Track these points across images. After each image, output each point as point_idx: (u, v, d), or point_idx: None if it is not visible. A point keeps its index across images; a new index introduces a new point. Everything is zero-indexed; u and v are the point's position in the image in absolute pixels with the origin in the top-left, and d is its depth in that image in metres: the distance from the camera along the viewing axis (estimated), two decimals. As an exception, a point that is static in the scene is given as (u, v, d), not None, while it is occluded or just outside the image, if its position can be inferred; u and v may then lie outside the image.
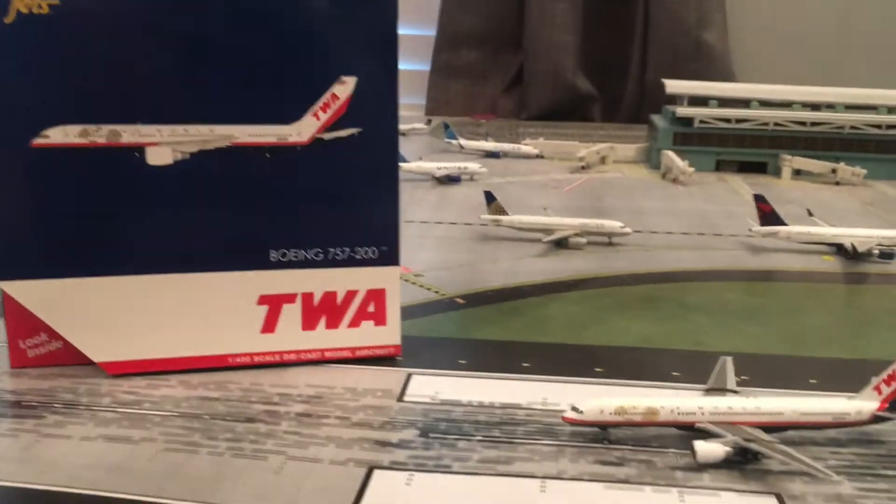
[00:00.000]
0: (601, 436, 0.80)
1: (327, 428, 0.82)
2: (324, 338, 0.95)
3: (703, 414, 0.79)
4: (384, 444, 0.79)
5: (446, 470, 0.75)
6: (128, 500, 0.68)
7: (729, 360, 0.90)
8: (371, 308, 0.95)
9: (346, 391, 0.90)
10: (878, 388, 0.80)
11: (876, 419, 0.80)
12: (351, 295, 0.95)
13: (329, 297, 0.94)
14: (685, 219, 1.68)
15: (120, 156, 0.85)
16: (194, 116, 0.86)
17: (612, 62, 3.04)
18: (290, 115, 0.88)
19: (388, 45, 0.89)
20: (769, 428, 0.79)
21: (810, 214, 1.60)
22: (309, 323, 0.94)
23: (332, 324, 0.95)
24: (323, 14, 0.86)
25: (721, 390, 0.85)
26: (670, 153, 2.11)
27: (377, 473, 0.74)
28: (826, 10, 3.01)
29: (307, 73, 0.87)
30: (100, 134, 0.84)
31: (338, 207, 0.92)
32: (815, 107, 2.22)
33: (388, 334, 0.97)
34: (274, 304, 0.93)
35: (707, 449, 0.75)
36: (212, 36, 0.84)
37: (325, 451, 0.77)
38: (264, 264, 0.91)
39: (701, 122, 2.16)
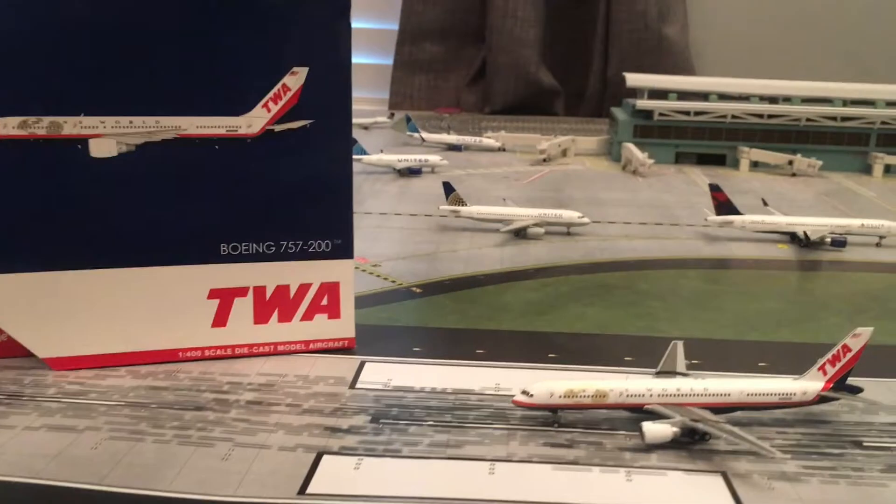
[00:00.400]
0: (552, 419, 0.80)
1: (277, 415, 0.81)
2: (276, 331, 0.94)
3: (651, 396, 0.79)
4: (334, 430, 0.78)
5: (395, 454, 0.75)
6: (69, 489, 0.67)
7: (680, 344, 0.91)
8: (325, 301, 0.95)
9: (298, 379, 0.89)
10: (822, 369, 0.81)
11: (821, 399, 0.81)
12: (304, 288, 0.94)
13: (282, 290, 0.93)
14: (643, 209, 1.70)
15: (61, 148, 0.83)
16: (140, 108, 0.84)
17: (575, 56, 3.05)
18: (241, 106, 0.86)
19: (341, 35, 0.88)
20: (717, 409, 0.79)
21: (765, 204, 1.62)
22: (261, 317, 0.93)
23: (285, 317, 0.94)
24: (274, 2, 0.85)
25: (671, 373, 0.86)
26: (630, 145, 2.13)
27: (326, 458, 0.73)
28: (784, 3, 3.04)
29: (258, 62, 0.86)
30: (40, 125, 0.82)
31: (290, 200, 0.91)
32: (772, 99, 2.25)
33: (342, 327, 0.96)
34: (225, 297, 0.92)
35: (655, 430, 0.75)
36: (158, 24, 0.83)
37: (274, 438, 0.76)
38: (215, 258, 0.90)
39: (660, 114, 2.17)
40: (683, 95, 2.26)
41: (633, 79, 2.37)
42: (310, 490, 0.68)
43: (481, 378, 0.91)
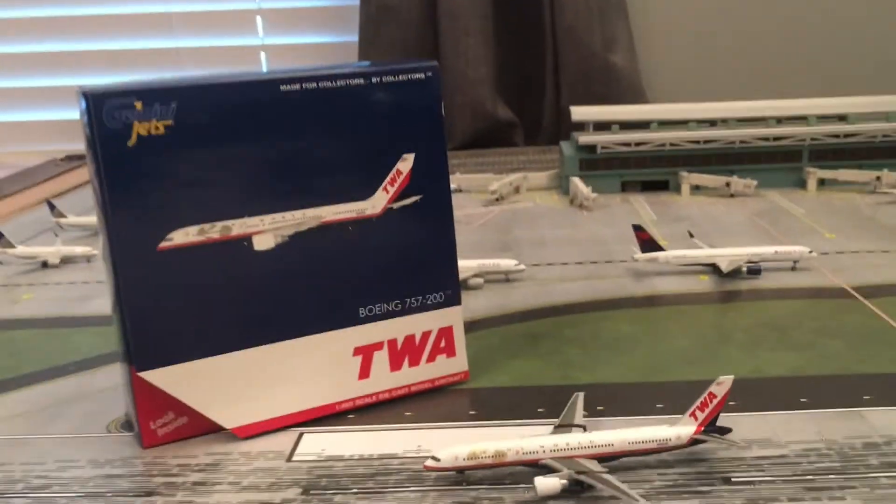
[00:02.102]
0: (460, 478, 0.91)
1: (218, 494, 0.91)
2: (408, 375, 1.11)
3: (544, 451, 0.90)
4: (268, 504, 0.89)
5: (320, 524, 0.85)
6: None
7: (580, 396, 1.01)
8: (442, 344, 1.13)
9: (241, 456, 1.00)
10: (693, 415, 0.92)
11: (694, 442, 0.91)
12: (426, 335, 1.11)
13: (409, 339, 1.10)
14: (583, 247, 1.80)
15: (232, 246, 1.00)
16: (289, 204, 1.01)
17: (528, 89, 3.17)
18: (366, 192, 1.05)
19: (436, 123, 1.08)
20: (604, 458, 0.90)
21: (691, 236, 1.73)
22: (395, 364, 1.10)
23: (414, 362, 1.11)
24: (385, 105, 1.05)
25: (569, 425, 0.97)
26: (575, 179, 2.23)
27: (258, 534, 0.84)
28: (729, 22, 3.16)
29: (376, 155, 1.06)
30: (214, 230, 0.98)
31: (409, 263, 1.09)
32: (712, 123, 2.36)
33: (458, 363, 1.15)
34: (366, 353, 1.08)
35: (545, 483, 0.86)
36: (302, 138, 1.01)
37: (214, 517, 0.87)
38: (355, 320, 1.07)
39: (603, 147, 2.28)
40: (626, 125, 2.37)
41: (578, 112, 2.48)
42: (240, 565, 0.79)
43: (405, 441, 1.01)
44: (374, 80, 1.04)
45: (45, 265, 1.82)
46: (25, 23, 3.33)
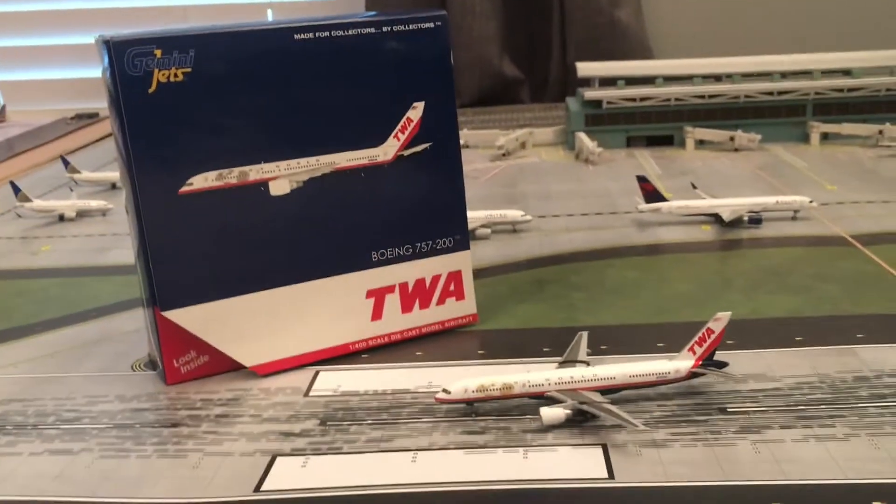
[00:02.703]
0: (469, 410, 0.96)
1: (241, 425, 0.96)
2: (419, 317, 1.16)
3: (550, 384, 0.94)
4: (288, 434, 0.94)
5: (337, 451, 0.90)
6: (68, 503, 0.83)
7: (584, 335, 1.06)
8: (452, 287, 1.18)
9: (261, 391, 1.05)
10: (692, 349, 0.96)
11: (692, 375, 0.96)
12: (436, 279, 1.16)
13: (419, 283, 1.15)
14: (588, 199, 1.84)
15: (250, 191, 1.04)
16: (304, 150, 1.05)
17: (535, 46, 3.18)
18: (377, 139, 1.09)
19: (445, 72, 1.12)
20: (606, 391, 0.95)
21: (694, 187, 1.76)
22: (407, 307, 1.15)
23: (424, 305, 1.16)
24: (396, 54, 1.08)
25: (573, 362, 1.01)
26: (581, 135, 2.26)
27: (279, 460, 0.89)
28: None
29: (387, 103, 1.09)
30: (232, 176, 1.03)
31: (419, 209, 1.13)
32: (717, 78, 2.38)
33: (467, 306, 1.19)
34: (378, 295, 1.13)
35: (550, 413, 0.91)
36: (315, 86, 1.05)
37: (237, 445, 0.92)
38: (367, 264, 1.12)
39: (608, 102, 2.31)
40: (632, 81, 2.39)
41: (584, 68, 2.50)
42: (263, 487, 0.84)
43: (417, 378, 1.06)
44: (384, 28, 1.07)
45: (61, 218, 1.87)
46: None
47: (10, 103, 3.38)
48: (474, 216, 1.63)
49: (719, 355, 0.98)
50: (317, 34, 1.04)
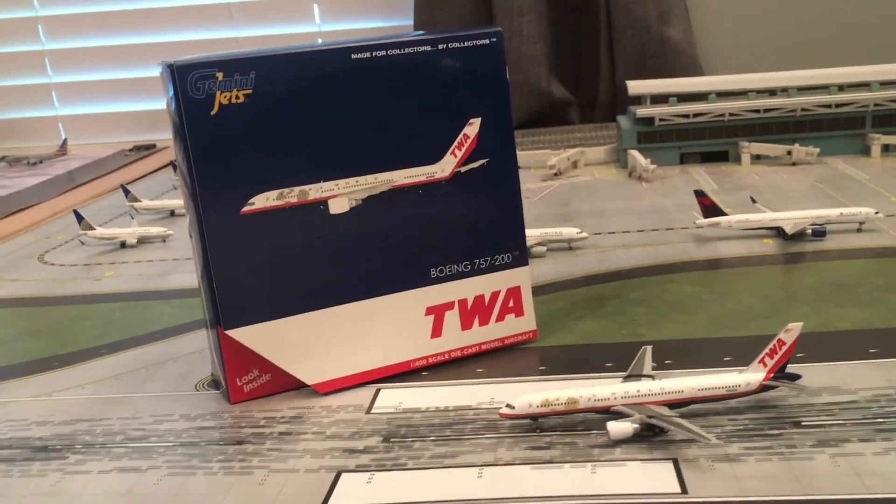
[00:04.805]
0: (534, 426, 0.94)
1: (304, 442, 0.96)
2: (479, 334, 1.16)
3: (616, 398, 0.93)
4: (352, 451, 0.94)
5: (402, 468, 0.89)
6: (138, 518, 0.83)
7: (648, 349, 1.04)
8: (511, 304, 1.17)
9: (323, 409, 1.05)
10: (762, 362, 0.93)
11: (764, 388, 0.93)
12: (495, 295, 1.16)
13: (479, 299, 1.15)
14: (643, 216, 1.82)
15: (310, 210, 1.05)
16: (362, 169, 1.06)
17: (583, 66, 3.17)
18: (434, 156, 1.10)
19: (501, 88, 1.12)
20: (674, 405, 0.92)
21: (753, 201, 1.73)
22: (466, 324, 1.15)
23: (484, 321, 1.16)
24: (452, 71, 1.08)
25: (638, 376, 0.99)
26: (634, 152, 2.24)
27: (344, 476, 0.89)
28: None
29: (444, 120, 1.09)
30: (292, 195, 1.04)
31: (477, 225, 1.14)
32: (771, 92, 2.34)
33: (526, 323, 1.18)
34: (438, 312, 1.13)
35: (618, 427, 0.89)
36: (373, 104, 1.06)
37: (302, 462, 0.92)
38: (427, 281, 1.12)
39: (661, 119, 2.28)
40: (684, 98, 2.37)
41: (635, 86, 2.48)
42: (330, 503, 0.84)
43: (479, 394, 1.05)
44: (440, 46, 1.08)
45: (123, 245, 1.90)
46: (86, 18, 3.45)
47: (71, 137, 3.48)
48: (530, 234, 1.61)
49: (790, 369, 0.95)
50: (373, 53, 1.05)
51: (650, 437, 0.90)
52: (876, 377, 0.99)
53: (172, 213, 2.15)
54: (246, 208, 1.02)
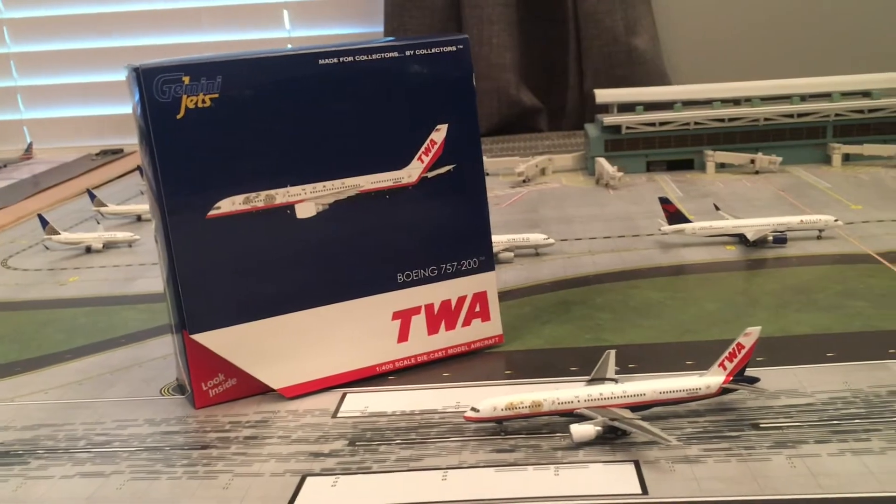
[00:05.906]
0: (499, 429, 0.95)
1: (270, 446, 0.96)
2: (445, 338, 1.16)
3: (579, 402, 0.94)
4: (317, 454, 0.94)
5: (367, 471, 0.90)
6: (101, 523, 0.83)
7: (612, 353, 1.05)
8: (477, 308, 1.17)
9: (289, 413, 1.05)
10: (722, 365, 0.95)
11: (724, 391, 0.95)
12: (461, 300, 1.16)
13: (445, 304, 1.15)
14: (610, 223, 1.84)
15: (276, 215, 1.05)
16: (329, 174, 1.06)
17: (552, 74, 3.20)
18: (401, 161, 1.10)
19: (468, 95, 1.13)
20: (636, 407, 0.94)
21: (717, 209, 1.76)
22: (433, 328, 1.15)
23: (450, 326, 1.16)
24: (419, 77, 1.09)
25: (601, 379, 1.01)
26: (601, 160, 2.27)
27: (309, 480, 0.89)
28: (748, 4, 3.17)
29: (410, 126, 1.10)
30: (259, 199, 1.04)
31: (444, 230, 1.14)
32: (735, 102, 2.38)
33: (493, 327, 1.19)
34: (405, 317, 1.13)
35: (581, 430, 0.90)
36: (340, 110, 1.06)
37: (267, 466, 0.92)
38: (393, 286, 1.12)
39: (628, 128, 2.31)
40: (650, 106, 2.40)
41: (602, 94, 2.51)
42: (294, 507, 0.84)
43: (445, 398, 1.06)
44: (407, 52, 1.09)
45: (88, 250, 1.89)
46: (53, 21, 3.41)
47: (37, 141, 3.44)
48: (497, 240, 1.64)
49: (749, 372, 0.97)
50: (341, 59, 1.06)
51: (612, 439, 0.91)
52: (833, 380, 1.01)
53: (139, 218, 2.14)
54: (212, 212, 1.02)
